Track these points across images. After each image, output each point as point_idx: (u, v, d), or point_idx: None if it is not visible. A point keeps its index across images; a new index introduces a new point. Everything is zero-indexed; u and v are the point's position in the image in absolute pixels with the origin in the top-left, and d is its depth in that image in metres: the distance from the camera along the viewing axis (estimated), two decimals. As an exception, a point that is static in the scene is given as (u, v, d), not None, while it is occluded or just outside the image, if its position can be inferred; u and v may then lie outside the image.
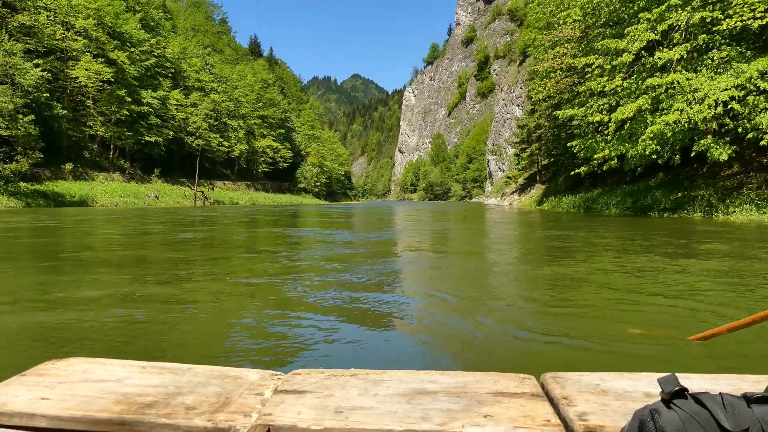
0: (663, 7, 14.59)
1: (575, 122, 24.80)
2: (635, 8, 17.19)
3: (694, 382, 1.02)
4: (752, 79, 12.61)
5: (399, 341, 2.82)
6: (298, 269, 5.75)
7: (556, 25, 22.12)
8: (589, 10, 18.10)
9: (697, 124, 13.41)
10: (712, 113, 12.96)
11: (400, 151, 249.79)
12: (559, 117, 19.92)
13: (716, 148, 13.98)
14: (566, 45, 22.29)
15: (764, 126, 12.35)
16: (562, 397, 0.97)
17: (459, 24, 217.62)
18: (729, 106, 12.95)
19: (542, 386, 1.06)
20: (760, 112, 12.78)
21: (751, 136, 13.01)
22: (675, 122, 13.71)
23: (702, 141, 14.46)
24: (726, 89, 12.73)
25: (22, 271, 5.50)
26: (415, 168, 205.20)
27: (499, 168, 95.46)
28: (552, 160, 37.59)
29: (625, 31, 15.73)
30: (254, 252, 7.83)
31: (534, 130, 40.99)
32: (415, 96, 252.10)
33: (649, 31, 15.23)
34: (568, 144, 20.81)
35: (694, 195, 17.57)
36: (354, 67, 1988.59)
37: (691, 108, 13.30)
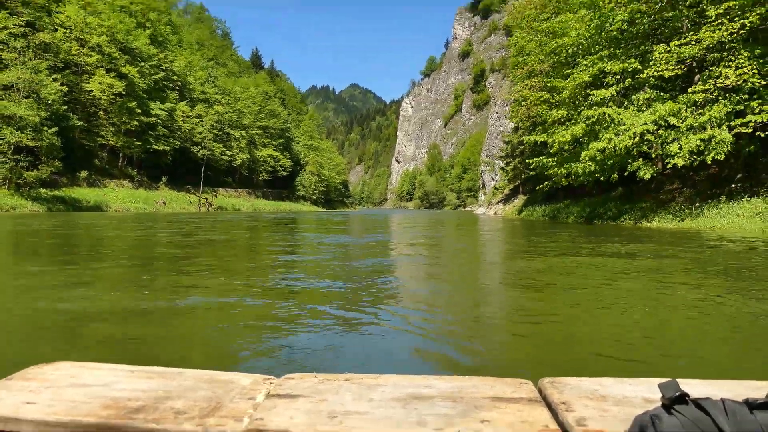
0: (594, 57, 18.11)
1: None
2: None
3: (694, 387, 0.99)
4: (663, 117, 15.92)
5: (394, 344, 2.83)
6: (298, 269, 6.11)
7: (525, 63, 25.61)
8: (542, 57, 21.64)
9: (621, 151, 16.70)
10: (633, 142, 16.23)
11: (396, 160, 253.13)
12: (525, 142, 23.16)
13: (643, 169, 17.30)
14: (535, 79, 25.74)
15: (672, 153, 15.66)
16: (561, 402, 0.95)
17: (456, 38, 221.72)
18: (645, 137, 16.25)
19: (540, 391, 1.04)
20: (669, 143, 16.07)
21: (668, 160, 16.24)
22: (604, 148, 17.00)
23: (634, 163, 17.79)
24: (644, 124, 16.00)
25: (55, 269, 5.76)
26: (411, 177, 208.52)
27: (492, 179, 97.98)
28: (531, 174, 40.75)
29: (564, 72, 19.21)
30: (258, 253, 8.33)
31: (517, 145, 44.23)
32: (412, 107, 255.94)
33: (584, 73, 18.67)
34: (527, 161, 23.97)
35: (636, 206, 20.75)
36: (352, 77, 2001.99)
37: (618, 137, 16.56)
